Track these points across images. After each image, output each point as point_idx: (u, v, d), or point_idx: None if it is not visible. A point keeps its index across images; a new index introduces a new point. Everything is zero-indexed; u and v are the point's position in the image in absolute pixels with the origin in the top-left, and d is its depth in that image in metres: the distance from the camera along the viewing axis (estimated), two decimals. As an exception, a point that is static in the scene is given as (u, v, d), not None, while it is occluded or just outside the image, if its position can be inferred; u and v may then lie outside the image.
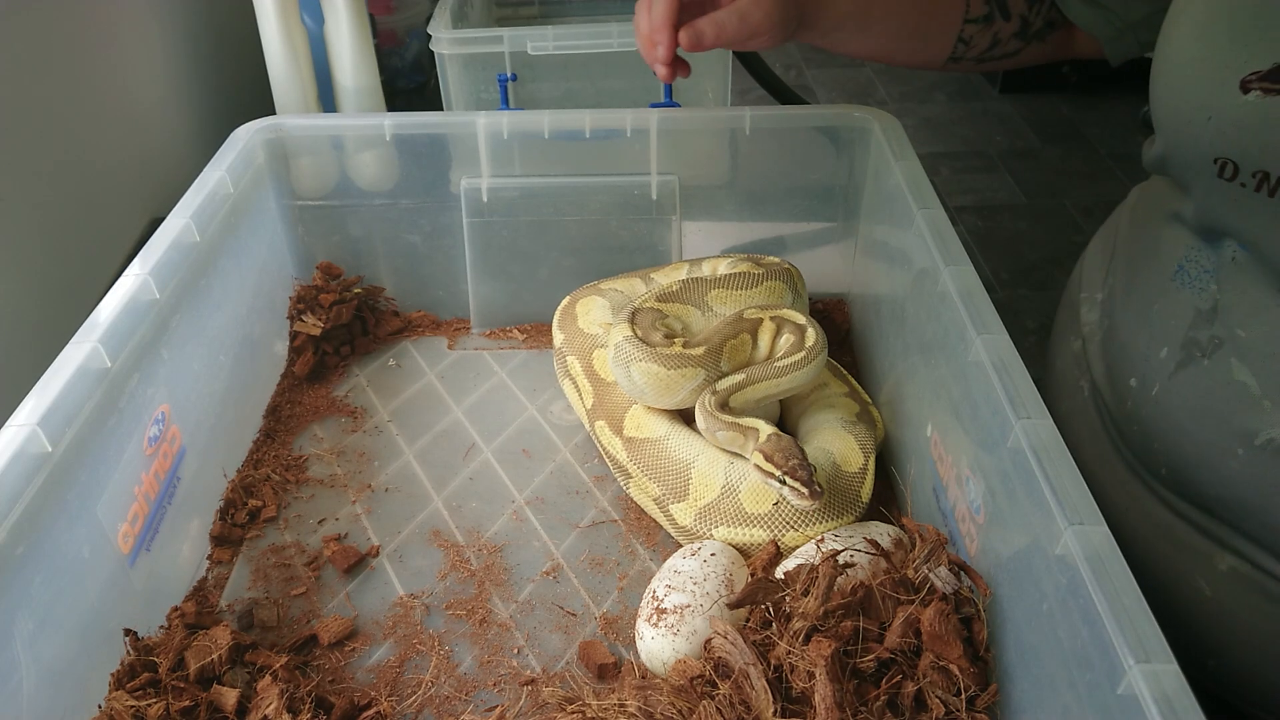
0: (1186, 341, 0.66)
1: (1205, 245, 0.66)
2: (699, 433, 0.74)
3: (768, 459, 0.64)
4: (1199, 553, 0.67)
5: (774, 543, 0.64)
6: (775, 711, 0.51)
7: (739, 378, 0.71)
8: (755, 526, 0.66)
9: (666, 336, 0.73)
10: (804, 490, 0.62)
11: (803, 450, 0.64)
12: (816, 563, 0.56)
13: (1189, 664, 0.60)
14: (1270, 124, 0.57)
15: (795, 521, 0.66)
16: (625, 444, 0.74)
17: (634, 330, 0.73)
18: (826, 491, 0.65)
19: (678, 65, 0.76)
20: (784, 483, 0.63)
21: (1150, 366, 0.69)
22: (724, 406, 0.69)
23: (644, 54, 0.77)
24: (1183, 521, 0.69)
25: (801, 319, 0.74)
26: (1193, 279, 0.66)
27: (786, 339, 0.73)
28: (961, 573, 0.56)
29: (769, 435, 0.66)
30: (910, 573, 0.56)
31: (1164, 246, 0.69)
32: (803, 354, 0.71)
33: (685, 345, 0.72)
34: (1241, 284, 0.63)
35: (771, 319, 0.74)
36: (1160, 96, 0.65)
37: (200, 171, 0.79)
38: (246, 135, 0.85)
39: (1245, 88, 0.58)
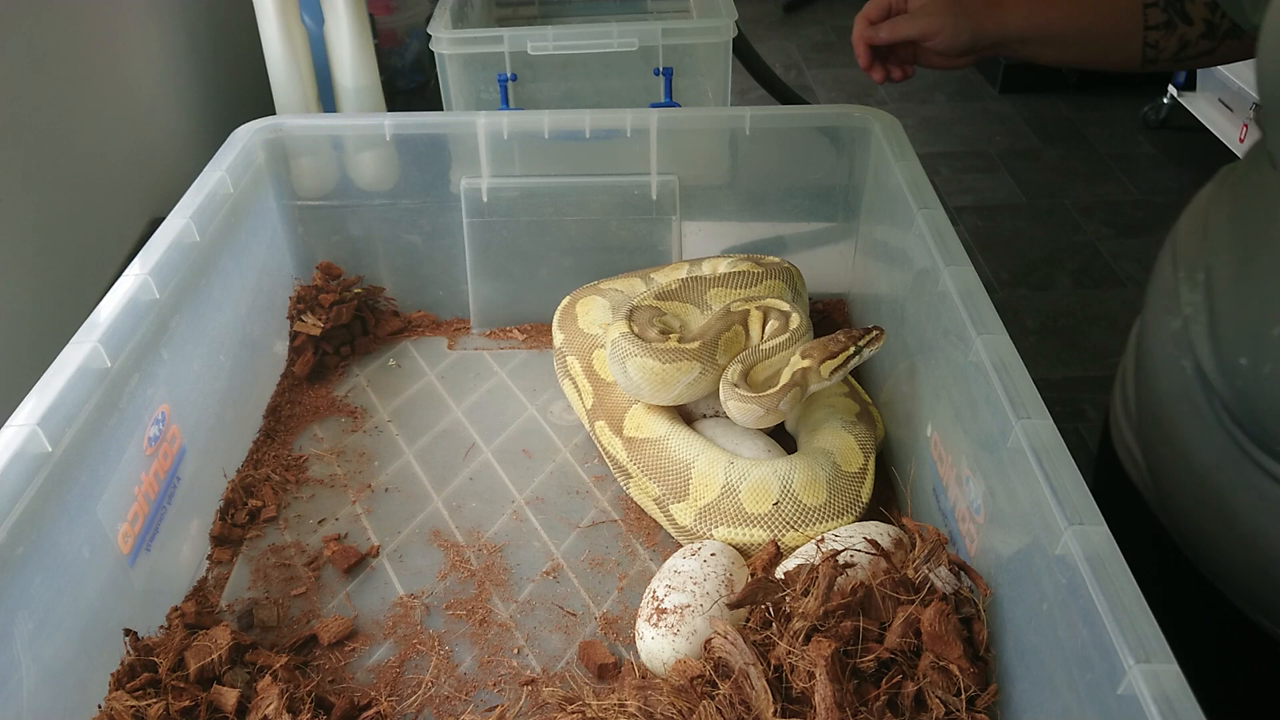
0: None
1: None
2: (699, 432, 0.74)
3: (831, 355, 0.68)
4: None
5: (774, 543, 0.64)
6: (775, 711, 0.51)
7: (739, 366, 0.71)
8: (755, 526, 0.66)
9: (663, 333, 0.73)
10: (870, 335, 0.69)
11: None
12: (816, 563, 0.56)
13: None
14: None
15: (795, 521, 0.66)
16: (625, 444, 0.74)
17: (630, 327, 0.73)
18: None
19: (891, 68, 0.90)
20: (859, 350, 0.69)
21: (1260, 345, 0.67)
22: (761, 382, 0.71)
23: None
24: None
25: (785, 305, 0.74)
26: None
27: (773, 325, 0.74)
28: (961, 573, 0.56)
29: (803, 353, 0.69)
30: (910, 573, 0.56)
31: (1275, 231, 0.68)
32: (787, 335, 0.72)
33: (680, 340, 0.72)
34: None
35: (757, 308, 0.75)
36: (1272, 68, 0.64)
37: (200, 171, 0.79)
38: (246, 135, 0.85)
39: None
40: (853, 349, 0.69)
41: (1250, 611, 0.73)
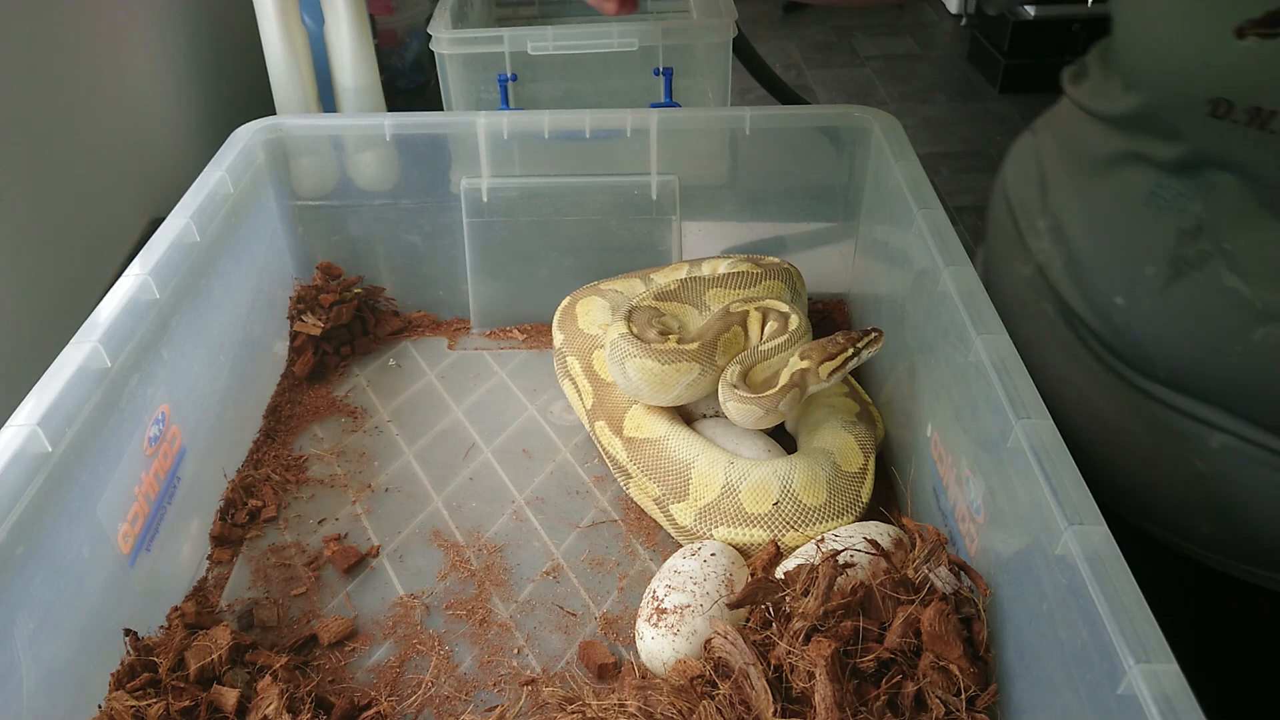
0: (1174, 259, 0.73)
1: (1176, 176, 0.73)
2: (699, 432, 0.74)
3: (830, 357, 0.69)
4: (1192, 437, 0.76)
5: (774, 543, 0.64)
6: (775, 711, 0.51)
7: (737, 366, 0.71)
8: (755, 526, 0.66)
9: (662, 333, 0.73)
10: (869, 338, 0.70)
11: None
12: (816, 563, 0.56)
13: (1185, 535, 0.81)
14: (1266, 65, 0.65)
15: (795, 521, 0.66)
16: (625, 444, 0.74)
17: (630, 327, 0.73)
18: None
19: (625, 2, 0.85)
20: (858, 351, 0.69)
21: (1138, 285, 0.76)
22: (760, 383, 0.71)
23: None
24: (1177, 413, 0.77)
25: (784, 306, 0.74)
26: (1168, 203, 0.74)
27: (772, 326, 0.74)
28: (961, 573, 0.56)
29: (801, 354, 0.70)
30: (910, 573, 0.56)
31: (1126, 180, 0.77)
32: (786, 336, 0.72)
33: (680, 341, 0.72)
34: (1224, 203, 0.71)
35: (757, 309, 0.75)
36: (1148, 50, 0.73)
37: (200, 171, 0.79)
38: (246, 135, 0.85)
39: (1241, 34, 0.65)
40: (851, 351, 0.69)
41: (1136, 521, 0.82)
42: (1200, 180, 0.72)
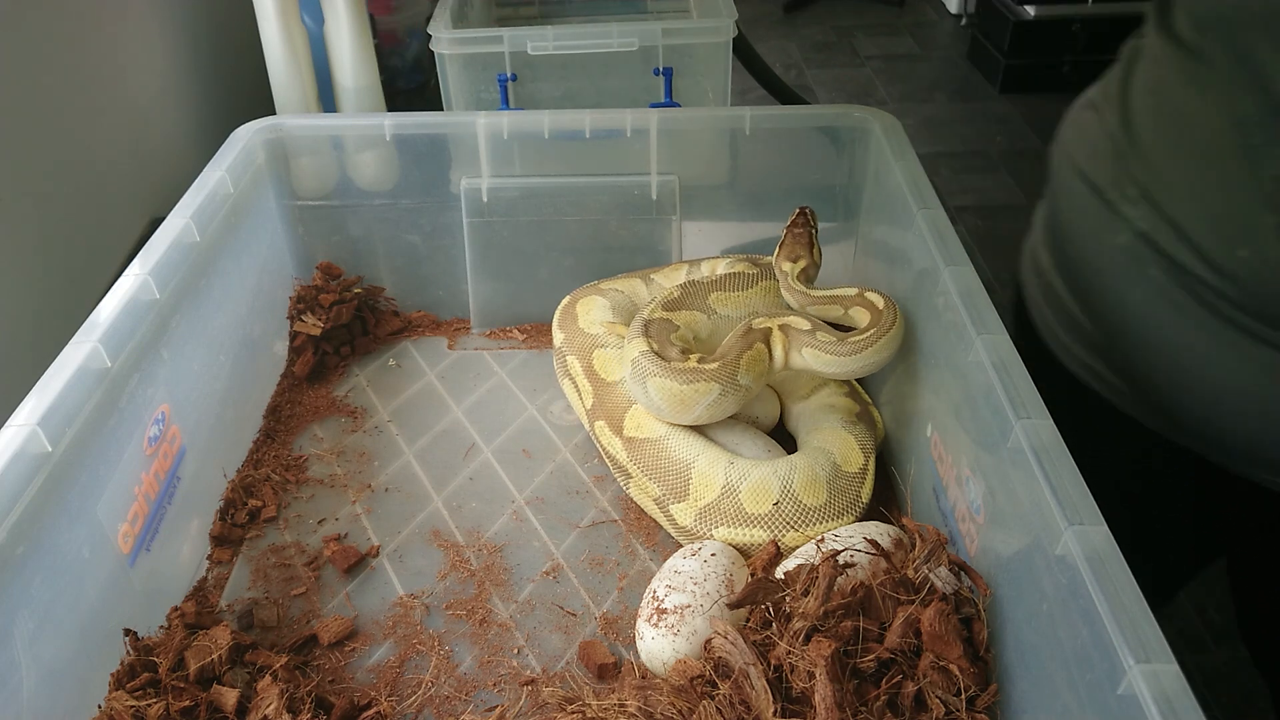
0: None
1: (1270, 117, 0.70)
2: (699, 432, 0.74)
3: (794, 257, 0.74)
4: None
5: (774, 543, 0.64)
6: (775, 711, 0.51)
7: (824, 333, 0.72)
8: (755, 526, 0.66)
9: (683, 351, 0.72)
10: (796, 214, 0.76)
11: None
12: (816, 563, 0.56)
13: None
14: None
15: (795, 521, 0.66)
16: (625, 444, 0.74)
17: (649, 344, 0.72)
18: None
19: None
20: (809, 226, 0.76)
21: (1264, 234, 0.72)
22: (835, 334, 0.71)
23: None
24: None
25: (807, 324, 0.72)
26: (1260, 147, 0.71)
27: (822, 335, 0.71)
28: (961, 573, 0.56)
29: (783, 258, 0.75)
30: (910, 573, 0.56)
31: (1216, 138, 0.74)
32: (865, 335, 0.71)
33: (700, 360, 0.71)
34: None
35: (780, 328, 0.72)
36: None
37: (200, 171, 0.79)
38: (246, 135, 0.85)
39: None
40: (800, 230, 0.76)
41: (1243, 468, 0.80)
42: None
